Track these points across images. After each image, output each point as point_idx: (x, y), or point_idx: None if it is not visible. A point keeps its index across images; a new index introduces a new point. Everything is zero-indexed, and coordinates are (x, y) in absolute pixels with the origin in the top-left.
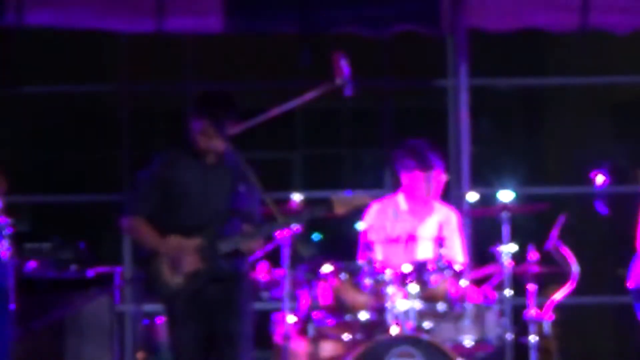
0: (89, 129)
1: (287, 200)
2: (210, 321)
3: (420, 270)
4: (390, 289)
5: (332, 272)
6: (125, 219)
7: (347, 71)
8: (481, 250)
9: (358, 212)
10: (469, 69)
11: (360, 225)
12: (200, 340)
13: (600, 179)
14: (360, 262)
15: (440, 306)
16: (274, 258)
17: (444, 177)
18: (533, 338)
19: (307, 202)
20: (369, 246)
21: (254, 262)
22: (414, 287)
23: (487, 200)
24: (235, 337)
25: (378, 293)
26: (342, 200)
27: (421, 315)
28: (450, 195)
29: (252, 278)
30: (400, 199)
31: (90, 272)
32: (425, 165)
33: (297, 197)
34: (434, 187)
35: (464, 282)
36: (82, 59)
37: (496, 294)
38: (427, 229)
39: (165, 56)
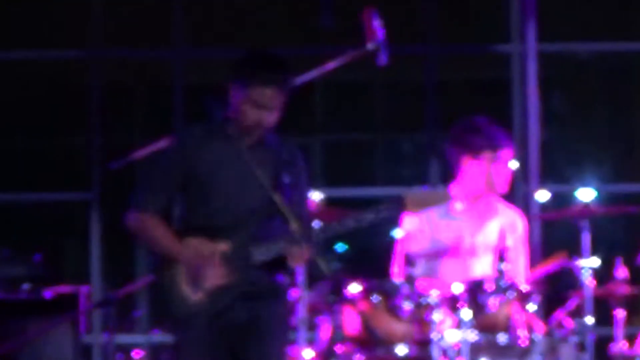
0: (50, 108)
1: None
2: (234, 354)
3: (475, 291)
4: (436, 316)
5: (360, 294)
6: (131, 214)
7: (381, 34)
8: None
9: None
10: (538, 31)
11: (397, 233)
12: None
13: None
14: (398, 280)
15: (502, 337)
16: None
17: (513, 163)
18: None
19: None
20: (410, 259)
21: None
22: (467, 313)
23: (562, 200)
24: None
25: (420, 320)
26: (416, 197)
27: (477, 348)
28: (515, 194)
29: (291, 298)
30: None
31: (48, 293)
32: (496, 142)
33: (316, 196)
34: (506, 173)
35: (531, 307)
36: (41, 19)
37: (574, 322)
38: (487, 237)
39: (150, 17)
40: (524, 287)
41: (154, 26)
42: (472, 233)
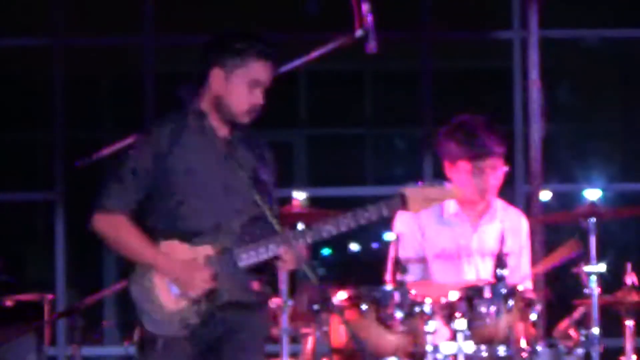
0: (8, 99)
1: (287, 200)
2: None
3: (473, 298)
4: (430, 326)
5: (348, 302)
6: (97, 215)
7: (370, 19)
8: (557, 270)
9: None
10: (541, 16)
11: (389, 236)
12: None
13: None
14: (389, 287)
15: (501, 349)
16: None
17: (503, 169)
18: None
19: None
20: (402, 265)
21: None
22: (463, 323)
23: (567, 200)
24: None
25: (413, 331)
26: (418, 194)
27: None
28: (516, 194)
29: (273, 307)
30: None
31: (9, 302)
32: (475, 152)
33: (299, 196)
34: (489, 184)
35: (533, 316)
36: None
37: (579, 333)
38: (485, 241)
39: (118, 1)
40: (526, 295)
41: (121, 11)
42: (467, 237)
